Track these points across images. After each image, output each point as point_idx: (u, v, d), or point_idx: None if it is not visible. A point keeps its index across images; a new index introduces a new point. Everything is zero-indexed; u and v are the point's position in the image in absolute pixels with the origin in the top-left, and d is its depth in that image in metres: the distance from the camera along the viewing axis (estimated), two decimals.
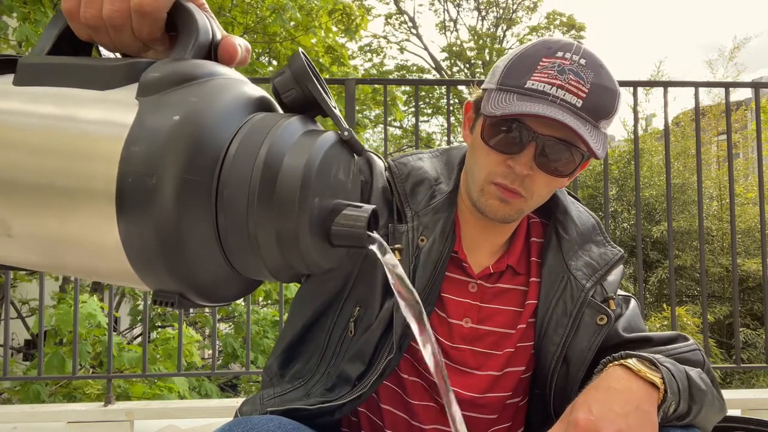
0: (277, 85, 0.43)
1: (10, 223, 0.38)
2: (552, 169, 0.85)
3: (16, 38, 3.71)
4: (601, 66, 0.84)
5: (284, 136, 0.38)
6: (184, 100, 0.36)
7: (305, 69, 0.43)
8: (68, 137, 0.37)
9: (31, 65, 0.41)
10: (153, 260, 0.36)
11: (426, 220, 0.92)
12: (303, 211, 0.37)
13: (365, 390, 0.89)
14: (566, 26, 16.60)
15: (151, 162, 0.34)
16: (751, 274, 5.94)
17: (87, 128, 0.37)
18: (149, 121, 0.35)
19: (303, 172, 0.37)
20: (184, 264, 0.36)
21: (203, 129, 0.36)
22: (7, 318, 2.59)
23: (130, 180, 0.34)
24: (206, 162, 0.36)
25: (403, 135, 15.71)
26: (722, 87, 2.76)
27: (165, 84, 0.37)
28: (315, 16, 6.38)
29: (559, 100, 0.80)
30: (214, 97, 0.37)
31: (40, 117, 0.38)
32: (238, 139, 0.38)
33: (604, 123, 0.84)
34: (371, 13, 14.77)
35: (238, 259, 0.39)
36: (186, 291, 0.38)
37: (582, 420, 0.71)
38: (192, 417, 2.35)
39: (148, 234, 0.35)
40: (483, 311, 0.95)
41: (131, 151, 0.35)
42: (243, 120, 0.39)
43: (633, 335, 0.93)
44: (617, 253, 0.97)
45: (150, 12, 0.41)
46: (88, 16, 0.41)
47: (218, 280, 0.40)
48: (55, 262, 0.40)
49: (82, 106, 0.38)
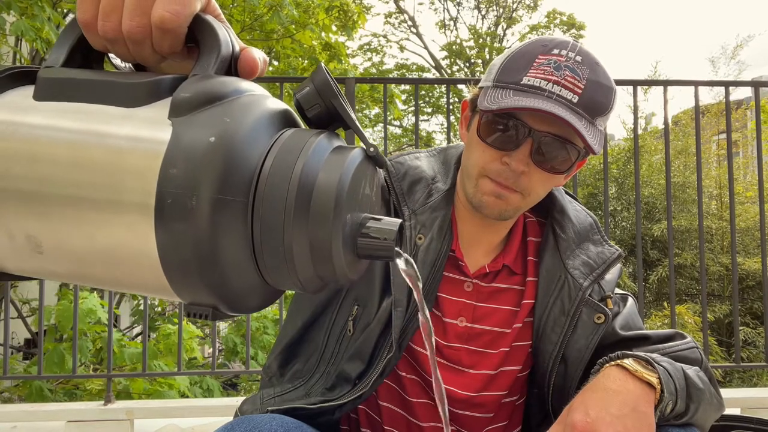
0: (300, 100, 0.44)
1: (41, 239, 0.39)
2: (548, 166, 0.85)
3: (12, 32, 3.71)
4: (597, 63, 0.84)
5: (316, 154, 0.39)
6: (218, 121, 0.37)
7: (329, 84, 0.43)
8: (101, 151, 0.38)
9: (51, 80, 0.41)
10: (190, 275, 0.37)
11: (423, 218, 0.92)
12: (337, 225, 0.39)
13: (366, 389, 0.89)
14: (566, 25, 16.59)
15: (190, 183, 0.35)
16: (750, 272, 5.95)
17: (120, 143, 0.38)
18: (185, 143, 0.36)
19: (336, 188, 0.39)
20: (220, 278, 0.38)
21: (238, 149, 0.37)
22: (7, 317, 2.60)
23: (170, 201, 0.35)
24: (242, 181, 0.37)
25: (403, 134, 15.71)
26: (722, 86, 2.76)
27: (196, 104, 0.38)
28: (312, 13, 6.37)
29: (555, 95, 0.80)
30: (245, 116, 0.38)
31: (69, 131, 0.39)
32: (272, 157, 0.39)
33: (600, 120, 0.84)
34: (370, 12, 14.75)
35: (271, 272, 0.40)
36: (219, 303, 0.39)
37: (579, 422, 0.72)
38: (192, 416, 2.36)
39: (186, 251, 0.36)
40: (478, 310, 0.95)
41: (170, 173, 0.36)
42: (273, 137, 0.40)
43: (630, 333, 0.93)
44: (614, 251, 0.96)
45: (172, 28, 0.40)
46: (107, 29, 0.41)
47: (249, 292, 0.41)
48: (85, 275, 0.41)
49: (110, 121, 0.39)
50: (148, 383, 3.52)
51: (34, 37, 3.59)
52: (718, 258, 6.29)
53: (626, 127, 8.39)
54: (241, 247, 0.38)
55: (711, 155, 7.58)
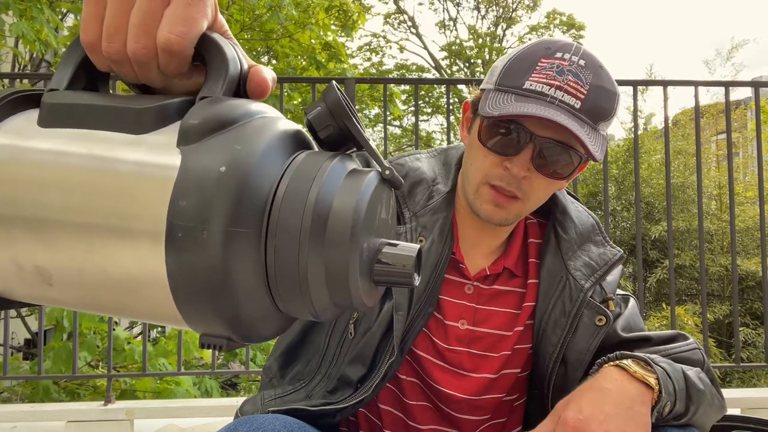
0: (312, 121, 0.43)
1: (50, 271, 0.38)
2: (550, 171, 0.84)
3: (12, 33, 3.70)
4: (601, 67, 0.83)
5: (330, 179, 0.38)
6: (228, 148, 0.36)
7: (341, 104, 0.42)
8: (109, 179, 0.37)
9: (56, 105, 0.40)
10: (202, 307, 0.36)
11: (424, 220, 0.91)
12: (353, 252, 0.38)
13: (368, 394, 0.88)
14: (566, 25, 16.59)
15: (201, 216, 0.35)
16: (750, 273, 5.95)
17: (129, 171, 0.37)
18: (195, 173, 0.35)
19: (353, 214, 0.38)
20: (234, 310, 0.37)
21: (250, 177, 0.36)
22: (7, 317, 2.59)
23: (180, 234, 0.35)
24: (255, 210, 0.36)
25: (402, 134, 15.71)
26: (722, 86, 2.76)
27: (206, 131, 0.37)
28: (312, 13, 6.37)
29: (558, 101, 0.79)
30: (256, 142, 0.37)
31: (76, 158, 0.38)
32: (285, 183, 0.38)
33: (602, 125, 0.83)
34: (370, 12, 14.74)
35: (286, 301, 0.39)
36: (233, 334, 0.38)
37: (571, 419, 0.72)
38: (192, 416, 2.35)
39: (198, 284, 0.35)
40: (479, 313, 0.94)
41: (180, 205, 0.35)
42: (286, 162, 0.39)
43: (632, 335, 0.92)
44: (616, 253, 0.96)
45: (178, 50, 0.39)
46: (111, 51, 0.40)
47: (264, 322, 0.40)
48: (97, 305, 0.41)
49: (118, 148, 0.38)
50: (155, 381, 3.52)
51: (33, 38, 3.59)
52: (717, 258, 6.30)
53: (625, 128, 8.40)
54: (254, 278, 0.37)
55: (710, 155, 7.58)
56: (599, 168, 7.09)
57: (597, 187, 7.25)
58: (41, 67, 5.40)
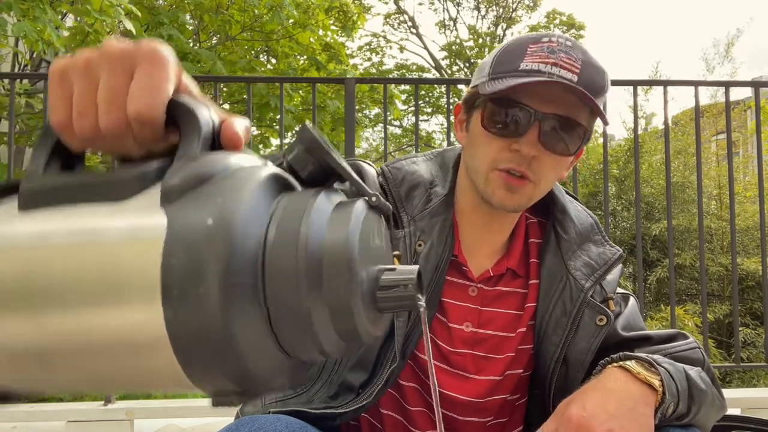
0: (292, 163, 0.43)
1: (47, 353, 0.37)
2: (558, 148, 0.85)
3: (14, 34, 3.70)
4: (586, 49, 0.85)
5: (318, 215, 0.38)
6: (212, 202, 0.36)
7: (318, 142, 0.42)
8: (96, 250, 0.36)
9: (33, 189, 0.39)
10: (210, 368, 0.36)
11: (423, 224, 0.90)
12: (354, 285, 0.37)
13: (370, 399, 0.88)
14: (566, 25, 16.58)
15: (194, 273, 0.34)
16: (750, 272, 5.95)
17: (115, 238, 0.36)
18: (182, 230, 0.35)
19: (346, 248, 0.37)
20: (241, 365, 0.36)
21: (238, 227, 0.35)
22: None
23: (176, 292, 0.34)
24: (248, 259, 0.36)
25: (402, 134, 15.70)
26: (722, 86, 2.77)
27: (187, 188, 0.37)
28: (312, 13, 6.38)
29: (556, 76, 0.80)
30: (239, 191, 0.37)
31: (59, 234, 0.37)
32: (273, 227, 0.37)
33: (598, 100, 0.84)
34: (370, 12, 14.75)
35: (293, 347, 0.39)
36: (243, 390, 0.37)
37: (574, 416, 0.72)
38: (192, 416, 2.35)
39: (202, 344, 0.35)
40: (483, 315, 0.94)
41: (172, 262, 0.34)
42: (272, 206, 0.39)
43: (632, 334, 0.92)
44: (616, 252, 0.96)
45: (149, 119, 0.39)
46: (84, 128, 0.40)
47: (275, 372, 0.39)
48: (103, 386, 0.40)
49: (101, 217, 0.37)
50: None
51: (36, 38, 3.59)
52: (717, 258, 6.29)
53: (626, 127, 8.40)
54: (258, 328, 0.36)
55: (710, 155, 7.58)
56: (599, 168, 7.09)
57: (597, 187, 7.24)
58: (41, 67, 5.39)
